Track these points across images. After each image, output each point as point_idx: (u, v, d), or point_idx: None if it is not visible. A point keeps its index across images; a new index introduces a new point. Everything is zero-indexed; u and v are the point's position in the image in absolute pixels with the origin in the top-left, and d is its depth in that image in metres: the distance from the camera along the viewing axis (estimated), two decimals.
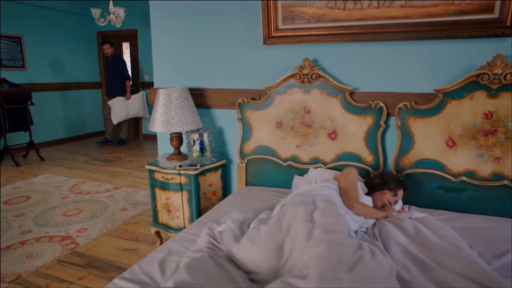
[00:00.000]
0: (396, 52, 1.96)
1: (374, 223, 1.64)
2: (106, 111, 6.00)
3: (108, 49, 5.72)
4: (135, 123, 6.97)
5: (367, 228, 1.59)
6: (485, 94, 1.77)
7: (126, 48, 6.94)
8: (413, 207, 1.94)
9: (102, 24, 4.73)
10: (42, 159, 5.17)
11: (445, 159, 1.90)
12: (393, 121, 2.02)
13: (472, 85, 1.78)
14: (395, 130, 1.99)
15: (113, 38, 6.80)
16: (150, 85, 6.24)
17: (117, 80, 5.77)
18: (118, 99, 5.63)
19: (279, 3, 2.13)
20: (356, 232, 1.55)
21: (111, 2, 4.54)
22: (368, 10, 1.96)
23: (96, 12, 4.59)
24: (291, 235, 1.27)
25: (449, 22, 1.81)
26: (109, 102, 5.68)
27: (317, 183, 1.90)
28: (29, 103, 5.14)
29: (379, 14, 1.94)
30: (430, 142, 1.92)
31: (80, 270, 2.25)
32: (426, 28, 1.85)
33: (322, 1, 2.03)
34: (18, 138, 5.34)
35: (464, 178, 1.88)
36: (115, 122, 5.64)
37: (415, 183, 1.98)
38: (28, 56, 5.73)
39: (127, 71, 5.86)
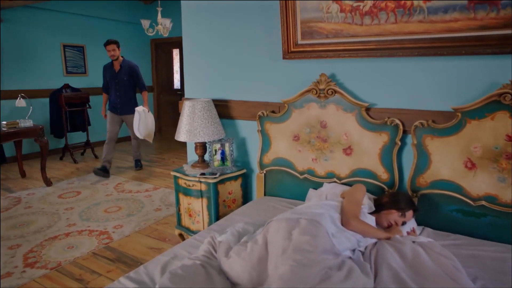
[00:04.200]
0: (413, 68, 1.90)
1: (375, 243, 1.61)
2: (111, 132, 4.64)
3: (114, 50, 4.46)
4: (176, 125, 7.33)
5: (366, 248, 1.57)
6: (508, 114, 1.65)
7: (176, 54, 7.35)
8: (427, 229, 1.87)
9: (151, 34, 5.09)
10: (96, 157, 5.68)
11: (463, 181, 1.81)
12: (409, 139, 1.96)
13: (493, 104, 1.68)
14: (411, 148, 1.93)
15: (164, 45, 7.25)
16: None
17: (130, 92, 4.62)
18: (143, 110, 4.49)
19: (298, 19, 2.17)
20: (354, 250, 1.54)
21: (159, 14, 4.86)
22: (385, 25, 1.92)
23: (145, 23, 4.95)
24: (270, 251, 1.32)
25: (470, 37, 1.72)
26: (125, 117, 4.64)
27: (327, 199, 1.93)
28: (87, 106, 5.68)
29: (397, 29, 1.89)
30: (447, 162, 1.83)
31: (109, 264, 2.48)
32: (445, 44, 1.78)
33: (340, 16, 2.03)
34: (77, 137, 5.93)
35: (484, 202, 1.77)
36: (141, 137, 4.54)
37: (431, 204, 1.90)
38: (89, 63, 6.33)
39: (142, 79, 4.72)
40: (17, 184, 4.35)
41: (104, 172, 4.53)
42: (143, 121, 4.43)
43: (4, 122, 4.01)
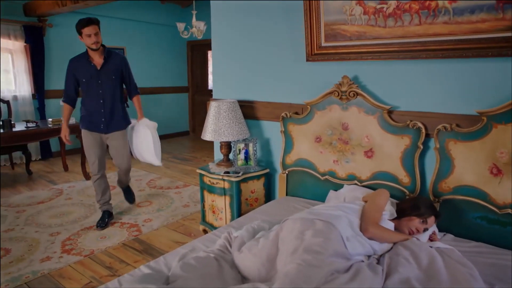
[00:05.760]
0: (437, 71, 1.86)
1: (391, 247, 1.59)
2: (95, 160, 3.11)
3: (97, 35, 2.99)
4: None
5: (381, 256, 1.56)
6: None
7: (210, 56, 7.53)
8: (448, 236, 1.82)
9: (185, 37, 5.27)
10: (131, 153, 5.96)
11: (488, 187, 1.74)
12: (432, 142, 1.91)
13: None
14: (434, 152, 1.89)
15: (198, 47, 7.46)
16: None
17: (119, 97, 3.16)
18: (154, 126, 3.25)
19: (322, 21, 2.18)
20: (369, 257, 1.53)
21: (193, 17, 5.03)
22: (409, 27, 1.90)
23: (180, 26, 5.13)
24: (282, 249, 1.36)
25: (497, 38, 1.66)
26: (113, 135, 3.17)
27: (345, 201, 1.93)
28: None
29: (421, 31, 1.86)
30: (471, 168, 1.78)
31: (137, 255, 2.62)
32: (471, 46, 1.73)
33: (363, 19, 2.03)
34: None
35: (510, 211, 1.70)
36: (161, 163, 3.29)
37: (453, 211, 1.85)
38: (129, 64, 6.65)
39: (133, 79, 3.26)
40: (61, 177, 4.69)
41: (103, 222, 3.07)
42: (156, 140, 3.17)
43: (50, 119, 4.35)
